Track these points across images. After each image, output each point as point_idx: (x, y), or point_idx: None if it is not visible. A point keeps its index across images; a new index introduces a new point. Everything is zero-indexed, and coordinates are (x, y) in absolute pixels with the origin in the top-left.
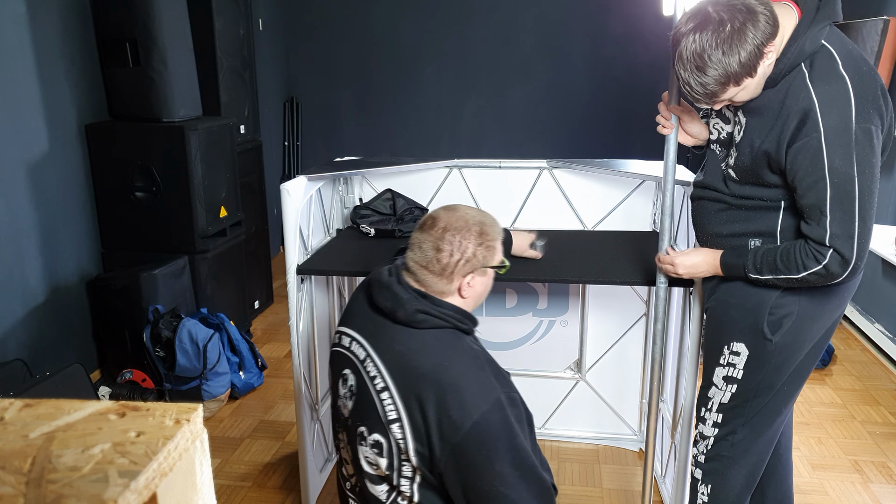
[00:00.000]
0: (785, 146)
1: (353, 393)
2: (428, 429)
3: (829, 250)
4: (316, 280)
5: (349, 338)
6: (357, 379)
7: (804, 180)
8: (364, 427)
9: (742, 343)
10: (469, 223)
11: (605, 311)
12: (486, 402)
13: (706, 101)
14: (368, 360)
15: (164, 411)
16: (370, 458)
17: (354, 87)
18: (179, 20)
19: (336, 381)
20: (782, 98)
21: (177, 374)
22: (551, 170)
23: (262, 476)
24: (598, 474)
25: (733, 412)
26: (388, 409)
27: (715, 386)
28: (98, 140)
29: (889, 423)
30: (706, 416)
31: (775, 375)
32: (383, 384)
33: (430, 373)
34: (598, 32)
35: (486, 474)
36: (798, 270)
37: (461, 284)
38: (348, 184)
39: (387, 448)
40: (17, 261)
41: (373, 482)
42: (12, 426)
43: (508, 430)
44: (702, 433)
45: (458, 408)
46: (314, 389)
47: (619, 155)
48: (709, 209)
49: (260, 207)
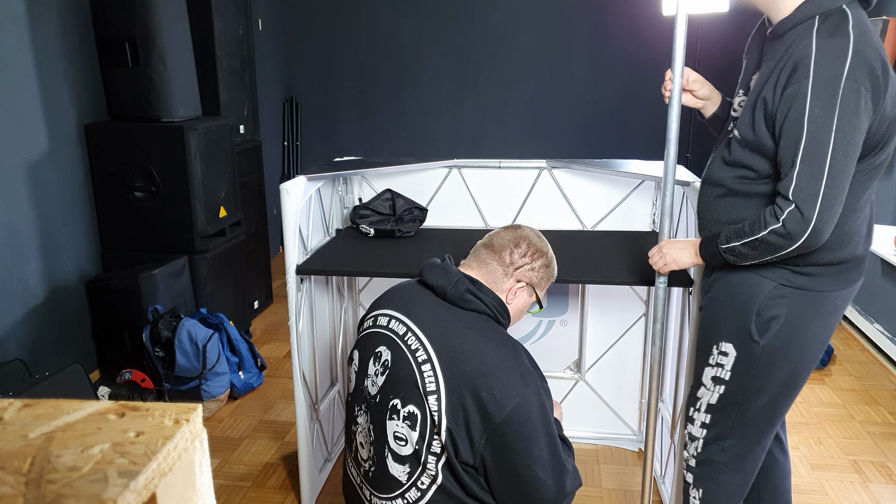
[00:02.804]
0: (780, 92)
1: (386, 367)
2: (466, 407)
3: (791, 205)
4: (315, 280)
5: (387, 317)
6: (394, 353)
7: (785, 129)
8: (398, 399)
9: (730, 343)
10: (546, 248)
11: (604, 311)
12: (527, 385)
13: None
14: (410, 334)
15: (164, 411)
16: (400, 432)
17: (354, 87)
18: (179, 20)
19: (365, 361)
20: (787, 47)
21: (176, 374)
22: (551, 170)
23: (261, 476)
24: (597, 474)
25: (721, 414)
26: (428, 381)
27: (704, 386)
28: (98, 140)
29: (888, 423)
30: (695, 417)
31: (764, 380)
32: (425, 356)
33: (474, 351)
34: (598, 32)
35: (526, 457)
36: (760, 229)
37: (512, 286)
38: (348, 184)
39: (421, 419)
40: (16, 261)
41: (396, 461)
42: (11, 426)
43: (544, 416)
44: (690, 434)
45: (500, 388)
46: (314, 389)
47: (618, 155)
48: (709, 195)
49: (259, 207)
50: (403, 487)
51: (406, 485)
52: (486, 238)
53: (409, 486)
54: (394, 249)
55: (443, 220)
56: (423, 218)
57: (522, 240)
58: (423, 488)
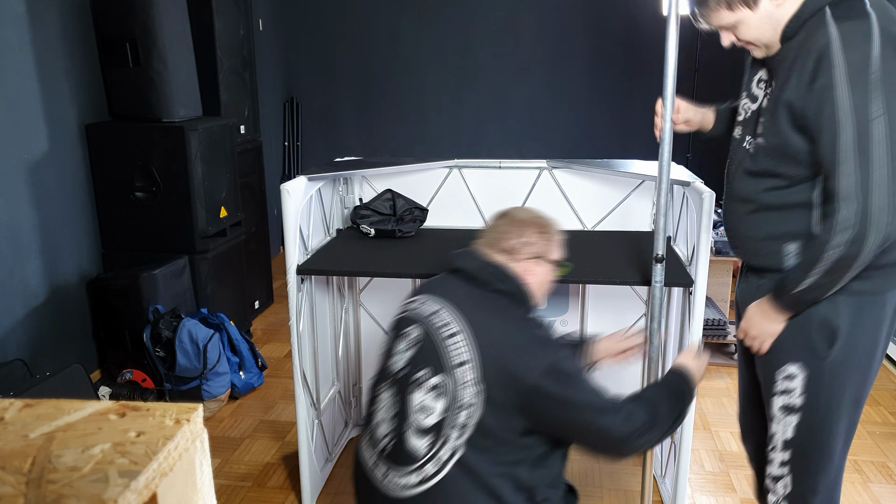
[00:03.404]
0: (805, 89)
1: (414, 344)
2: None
3: (851, 204)
4: (316, 280)
5: (417, 301)
6: (423, 330)
7: (820, 125)
8: (426, 370)
9: (795, 364)
10: (531, 217)
11: (604, 311)
12: (556, 351)
13: (705, 19)
14: (439, 311)
15: (164, 411)
16: (426, 403)
17: (354, 87)
18: (179, 20)
19: (393, 341)
20: (802, 41)
21: (177, 374)
22: (551, 170)
23: (262, 476)
24: (597, 474)
25: (803, 448)
26: (457, 353)
27: (774, 420)
28: (98, 140)
29: (889, 423)
30: (773, 457)
31: (838, 400)
32: (455, 330)
33: (501, 325)
34: (598, 33)
35: (575, 408)
36: (825, 250)
37: (524, 268)
38: (348, 184)
39: (448, 390)
40: (17, 261)
41: (417, 434)
42: (12, 426)
43: (579, 370)
44: (771, 474)
45: (531, 355)
46: (314, 389)
47: (618, 155)
48: (738, 211)
49: (260, 207)
50: (422, 460)
51: (424, 458)
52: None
53: (428, 460)
54: (394, 249)
55: (443, 220)
56: (424, 218)
57: (506, 224)
58: (442, 461)
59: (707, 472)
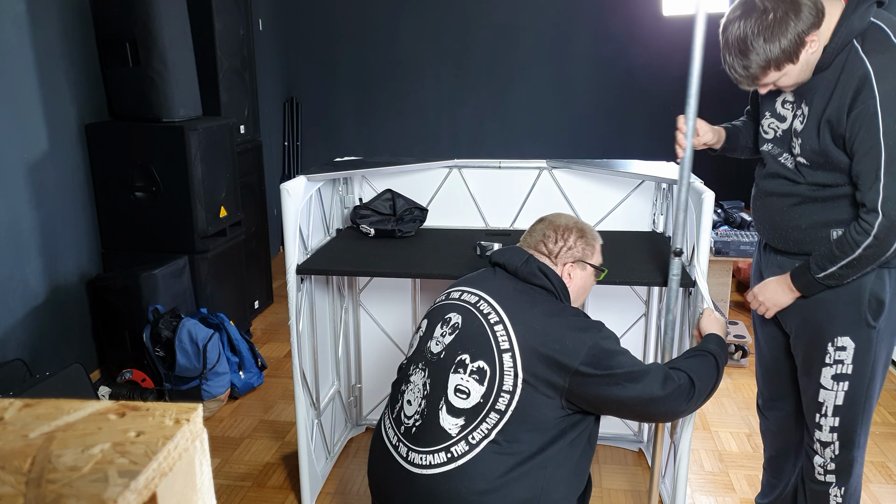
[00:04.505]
0: (845, 114)
1: (455, 329)
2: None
3: (878, 217)
4: (316, 280)
5: (459, 291)
6: (465, 317)
7: (860, 147)
8: (467, 354)
9: (846, 336)
10: (572, 222)
11: (604, 312)
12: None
13: (748, 83)
14: (482, 301)
15: (164, 411)
16: (464, 385)
17: (354, 87)
18: (179, 20)
19: (433, 326)
20: (838, 73)
21: (177, 373)
22: (551, 170)
23: (261, 476)
24: (597, 474)
25: (851, 412)
26: (502, 340)
27: (824, 388)
28: (98, 140)
29: (888, 423)
30: (822, 423)
31: (878, 364)
32: (498, 318)
33: (543, 313)
34: (598, 33)
35: (620, 379)
36: (853, 249)
37: (564, 271)
38: (348, 184)
39: (490, 375)
40: (17, 261)
41: (450, 413)
42: (12, 426)
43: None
44: (820, 440)
45: (571, 339)
46: (314, 389)
47: (618, 155)
48: (780, 205)
49: (260, 207)
50: (451, 440)
51: (455, 438)
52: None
53: (459, 440)
54: (394, 249)
55: (443, 220)
56: (424, 218)
57: (548, 228)
58: (474, 443)
59: (707, 472)
